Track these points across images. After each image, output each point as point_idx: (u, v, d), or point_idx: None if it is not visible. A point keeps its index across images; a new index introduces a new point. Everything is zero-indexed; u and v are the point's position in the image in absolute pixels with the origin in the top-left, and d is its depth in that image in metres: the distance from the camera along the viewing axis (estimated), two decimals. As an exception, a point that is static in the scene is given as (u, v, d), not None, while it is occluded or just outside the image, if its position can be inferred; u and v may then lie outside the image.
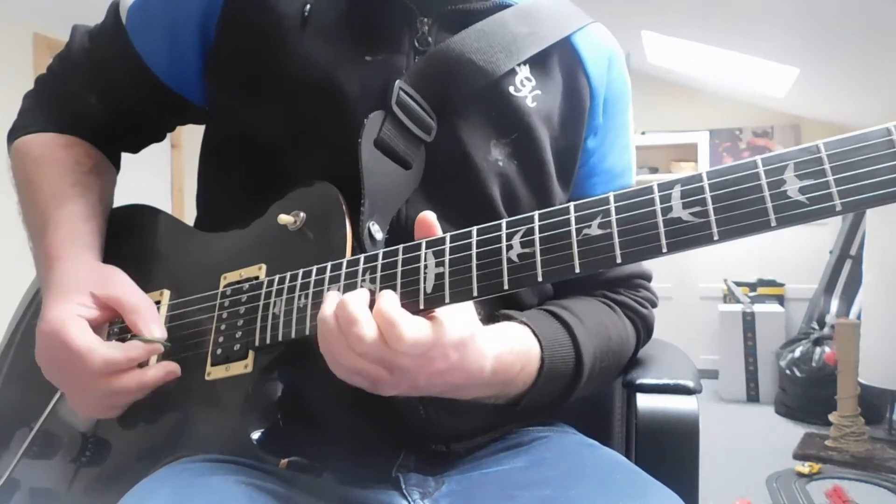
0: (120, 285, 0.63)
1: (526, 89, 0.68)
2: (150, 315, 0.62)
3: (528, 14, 0.68)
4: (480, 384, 0.55)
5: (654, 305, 0.76)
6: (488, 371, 0.54)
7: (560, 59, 0.71)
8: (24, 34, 3.17)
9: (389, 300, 0.49)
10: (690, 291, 4.35)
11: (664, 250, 0.43)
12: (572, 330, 0.64)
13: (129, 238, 0.72)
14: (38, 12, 3.07)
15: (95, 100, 0.74)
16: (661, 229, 0.43)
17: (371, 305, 0.50)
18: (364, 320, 0.48)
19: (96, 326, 0.61)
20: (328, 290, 0.54)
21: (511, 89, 0.67)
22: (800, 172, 0.41)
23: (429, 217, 0.53)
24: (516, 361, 0.59)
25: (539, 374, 0.60)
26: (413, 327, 0.48)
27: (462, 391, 0.55)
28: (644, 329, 0.74)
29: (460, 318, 0.51)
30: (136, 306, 0.62)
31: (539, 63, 0.69)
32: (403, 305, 0.51)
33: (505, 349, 0.57)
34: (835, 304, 3.64)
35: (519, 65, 0.67)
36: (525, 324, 0.61)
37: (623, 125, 0.77)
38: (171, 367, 0.61)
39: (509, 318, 0.63)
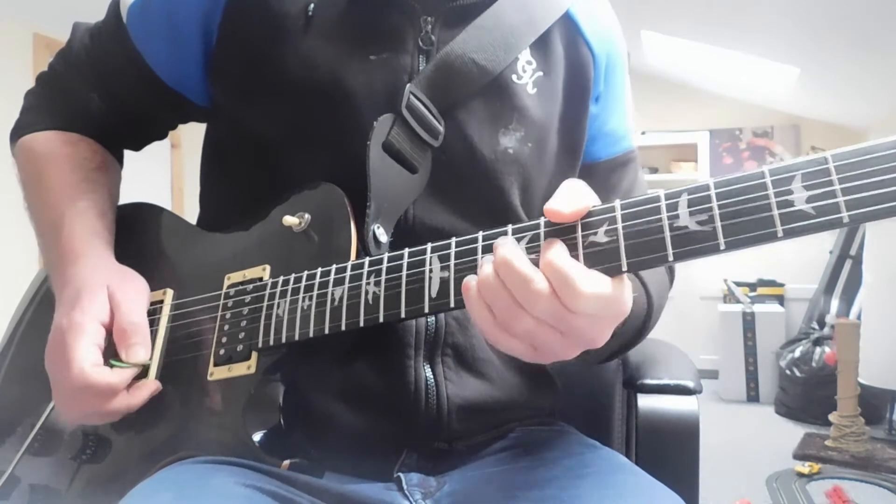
0: (123, 294, 0.63)
1: (527, 75, 0.68)
2: (135, 338, 0.61)
3: (523, 0, 0.68)
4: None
5: None
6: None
7: (560, 33, 0.71)
8: (24, 34, 3.17)
9: (559, 252, 0.44)
10: (690, 291, 4.36)
11: (670, 258, 0.44)
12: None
13: (133, 237, 0.73)
14: (38, 12, 3.08)
15: (97, 98, 0.73)
16: (668, 238, 0.44)
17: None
18: (537, 277, 0.44)
19: (108, 330, 0.62)
20: (481, 258, 0.48)
21: (514, 77, 0.67)
22: (807, 183, 0.41)
23: None
24: None
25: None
26: (588, 280, 0.43)
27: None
28: (670, 272, 0.74)
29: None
30: (123, 325, 0.61)
31: (539, 43, 0.69)
32: (408, 311, 0.51)
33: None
34: (835, 304, 3.64)
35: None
36: None
37: (622, 89, 0.77)
38: (152, 388, 0.61)
39: None
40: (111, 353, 0.61)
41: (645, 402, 0.78)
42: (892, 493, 2.36)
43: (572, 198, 0.47)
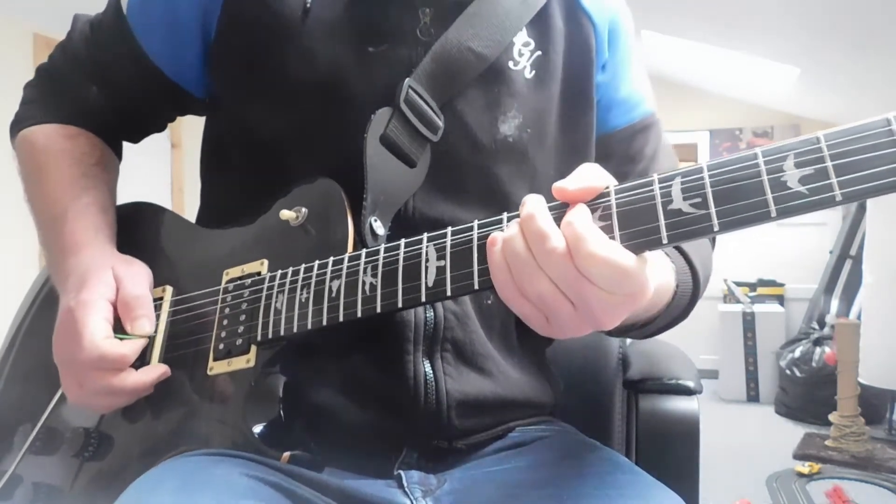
0: (127, 276, 0.64)
1: (524, 58, 0.67)
2: (140, 310, 0.62)
3: None
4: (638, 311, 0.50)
5: None
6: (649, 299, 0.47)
7: (559, 6, 0.70)
8: (24, 34, 3.17)
9: (580, 214, 0.44)
10: (690, 291, 4.35)
11: (664, 241, 0.44)
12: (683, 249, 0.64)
13: (132, 235, 0.73)
14: (38, 12, 3.08)
15: (97, 90, 0.73)
16: (662, 221, 0.44)
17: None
18: (555, 235, 0.43)
19: (115, 307, 0.62)
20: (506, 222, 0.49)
21: (510, 63, 0.67)
22: (800, 162, 0.41)
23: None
24: (665, 283, 0.57)
25: (675, 294, 0.59)
26: (604, 245, 0.42)
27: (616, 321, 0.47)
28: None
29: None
30: (127, 299, 0.62)
31: (536, 21, 0.68)
32: (405, 301, 0.51)
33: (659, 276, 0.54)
34: (835, 304, 3.64)
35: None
36: None
37: (629, 54, 0.76)
38: (162, 370, 0.62)
39: None
40: (119, 329, 0.62)
41: (645, 402, 0.78)
42: (892, 493, 2.36)
43: (581, 177, 0.47)
